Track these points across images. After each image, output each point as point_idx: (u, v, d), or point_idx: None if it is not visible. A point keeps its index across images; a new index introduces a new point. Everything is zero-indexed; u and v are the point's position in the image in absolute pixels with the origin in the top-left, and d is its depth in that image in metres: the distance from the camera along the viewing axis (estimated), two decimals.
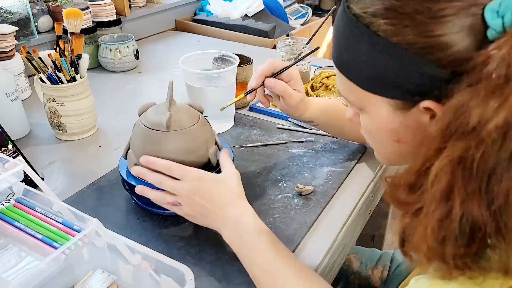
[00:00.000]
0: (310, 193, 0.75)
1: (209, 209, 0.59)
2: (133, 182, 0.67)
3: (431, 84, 0.41)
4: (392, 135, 0.48)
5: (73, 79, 0.88)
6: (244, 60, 1.02)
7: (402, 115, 0.45)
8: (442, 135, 0.38)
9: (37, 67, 0.86)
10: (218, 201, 0.60)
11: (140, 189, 0.64)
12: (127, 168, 0.70)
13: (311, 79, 1.12)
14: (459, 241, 0.37)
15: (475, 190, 0.36)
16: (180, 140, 0.65)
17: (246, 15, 1.67)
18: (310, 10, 1.94)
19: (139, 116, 0.70)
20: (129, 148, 0.69)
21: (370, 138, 0.53)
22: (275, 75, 0.74)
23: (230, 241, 0.59)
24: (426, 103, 0.42)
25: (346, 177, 0.80)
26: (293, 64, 0.74)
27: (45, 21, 1.26)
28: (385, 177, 0.47)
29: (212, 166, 0.69)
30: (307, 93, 1.06)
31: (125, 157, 0.69)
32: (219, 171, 0.66)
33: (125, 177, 0.68)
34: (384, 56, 0.42)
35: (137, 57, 1.30)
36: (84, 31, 1.19)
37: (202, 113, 0.70)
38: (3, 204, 0.58)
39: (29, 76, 1.14)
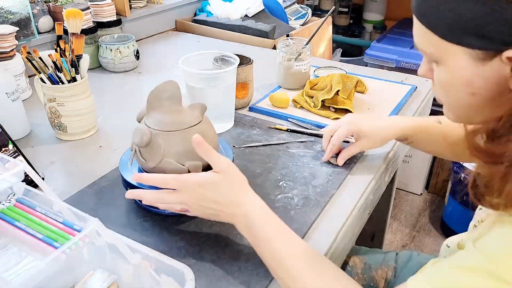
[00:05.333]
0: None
1: (217, 209, 0.60)
2: (133, 182, 0.67)
3: None
4: (468, 87, 0.48)
5: (73, 79, 0.89)
6: (244, 61, 1.02)
7: (482, 66, 0.45)
8: None
9: (38, 67, 0.86)
10: (223, 202, 0.60)
11: (150, 200, 0.63)
12: (139, 167, 0.70)
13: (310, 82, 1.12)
14: None
15: None
16: (179, 141, 0.65)
17: (246, 15, 1.67)
18: (310, 11, 1.94)
19: (138, 122, 0.70)
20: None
21: (443, 92, 0.53)
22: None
23: (242, 233, 0.60)
24: (510, 52, 0.42)
25: (346, 177, 0.80)
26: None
27: (45, 22, 1.26)
28: (464, 125, 0.48)
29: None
30: (306, 94, 1.07)
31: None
32: None
33: (125, 177, 0.68)
34: (471, 4, 0.43)
35: (137, 57, 1.30)
36: (84, 32, 1.19)
37: (205, 110, 0.71)
38: (3, 204, 0.58)
39: (30, 76, 1.14)
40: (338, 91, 1.00)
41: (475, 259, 0.43)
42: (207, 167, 0.66)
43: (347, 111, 1.00)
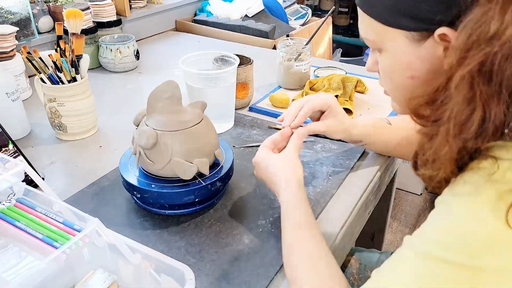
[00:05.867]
0: None
1: (268, 182, 0.67)
2: (133, 182, 0.67)
3: (446, 10, 0.43)
4: (408, 71, 0.51)
5: (73, 80, 0.89)
6: (244, 61, 1.02)
7: (418, 47, 0.48)
8: (461, 50, 0.41)
9: (38, 68, 0.86)
10: (272, 176, 0.65)
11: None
12: (139, 168, 0.70)
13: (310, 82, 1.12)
14: (477, 140, 0.41)
15: (495, 93, 0.39)
16: (186, 139, 0.66)
17: (246, 15, 1.67)
18: (310, 11, 1.95)
19: (136, 125, 0.71)
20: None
21: (387, 80, 0.56)
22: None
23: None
24: (442, 30, 0.44)
25: (346, 177, 0.80)
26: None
27: (45, 22, 1.26)
28: (406, 96, 0.50)
29: (217, 164, 0.71)
30: (306, 94, 1.07)
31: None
32: (226, 170, 0.70)
33: (125, 177, 0.69)
34: None
35: (137, 57, 1.31)
36: (84, 32, 1.19)
37: (205, 107, 0.72)
38: (3, 204, 0.58)
39: (30, 76, 1.14)
40: (337, 95, 1.00)
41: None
42: (213, 164, 0.69)
43: (347, 111, 1.00)
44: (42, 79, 0.88)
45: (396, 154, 0.88)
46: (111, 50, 1.25)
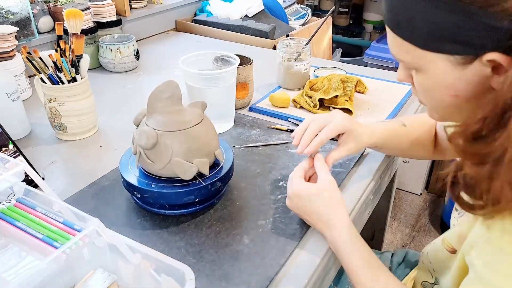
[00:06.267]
0: None
1: (310, 221, 0.66)
2: (134, 182, 0.67)
3: (497, 37, 0.42)
4: (449, 90, 0.49)
5: (73, 80, 0.89)
6: (244, 61, 1.02)
7: (462, 70, 0.46)
8: None
9: (38, 68, 0.86)
10: (316, 217, 0.65)
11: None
12: (140, 168, 0.70)
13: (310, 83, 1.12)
14: None
15: None
16: (186, 139, 0.66)
17: (246, 15, 1.67)
18: (310, 11, 1.94)
19: (136, 125, 0.71)
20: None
21: (425, 96, 0.54)
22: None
23: (330, 244, 0.64)
24: (491, 56, 0.43)
25: (345, 177, 0.80)
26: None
27: (45, 22, 1.26)
28: (444, 126, 0.48)
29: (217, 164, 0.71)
30: (306, 94, 1.07)
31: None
32: (226, 170, 0.70)
33: (125, 177, 0.69)
34: (445, 13, 0.43)
35: (137, 57, 1.31)
36: (84, 32, 1.19)
37: (205, 107, 0.72)
38: (3, 204, 0.58)
39: (30, 76, 1.14)
40: (337, 95, 1.00)
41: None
42: (213, 164, 0.69)
43: (347, 111, 1.00)
44: (42, 79, 0.88)
45: (407, 155, 0.86)
46: (111, 50, 1.25)
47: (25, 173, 0.62)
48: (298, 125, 0.96)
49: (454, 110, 0.52)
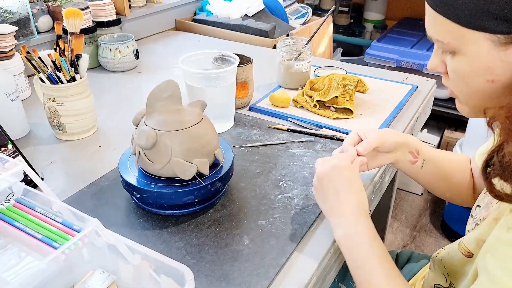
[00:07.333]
0: None
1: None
2: (133, 182, 0.67)
3: None
4: (487, 75, 0.48)
5: (73, 79, 0.88)
6: (244, 60, 1.01)
7: (504, 50, 0.45)
8: None
9: (37, 67, 0.86)
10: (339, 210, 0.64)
11: None
12: (139, 168, 0.70)
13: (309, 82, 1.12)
14: None
15: None
16: (186, 139, 0.66)
17: (246, 15, 1.66)
18: (310, 10, 1.94)
19: (135, 125, 0.70)
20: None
21: (461, 84, 0.52)
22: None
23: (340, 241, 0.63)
24: None
25: None
26: None
27: (45, 21, 1.26)
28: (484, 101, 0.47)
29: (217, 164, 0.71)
30: (306, 94, 1.06)
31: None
32: (226, 170, 0.69)
33: (125, 177, 0.68)
34: None
35: (137, 57, 1.30)
36: (84, 31, 1.19)
37: (205, 107, 0.72)
38: (2, 204, 0.58)
39: (29, 76, 1.14)
40: (337, 96, 1.00)
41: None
42: (212, 164, 0.69)
43: (348, 110, 1.00)
44: (41, 79, 0.87)
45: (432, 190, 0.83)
46: (110, 49, 1.25)
47: (24, 173, 0.61)
48: (299, 125, 0.96)
49: (488, 99, 0.50)
